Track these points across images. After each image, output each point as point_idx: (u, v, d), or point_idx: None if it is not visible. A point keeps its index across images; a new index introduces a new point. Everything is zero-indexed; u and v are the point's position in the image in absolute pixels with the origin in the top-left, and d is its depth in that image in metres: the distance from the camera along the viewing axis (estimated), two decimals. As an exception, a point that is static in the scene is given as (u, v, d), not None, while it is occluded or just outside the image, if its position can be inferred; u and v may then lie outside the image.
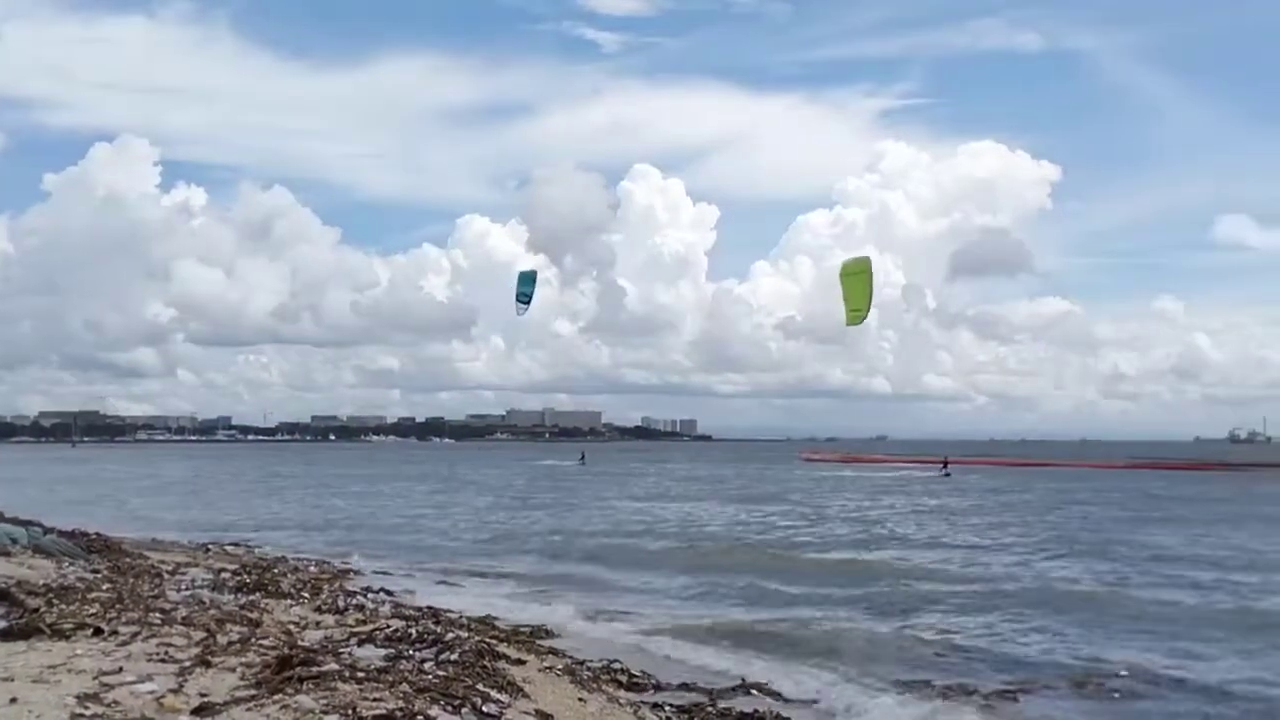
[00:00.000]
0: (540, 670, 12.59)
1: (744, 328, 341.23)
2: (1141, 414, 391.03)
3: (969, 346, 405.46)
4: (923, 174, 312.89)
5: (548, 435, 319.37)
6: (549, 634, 16.51)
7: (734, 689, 13.15)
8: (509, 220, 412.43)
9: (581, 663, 13.86)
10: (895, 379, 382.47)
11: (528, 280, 23.53)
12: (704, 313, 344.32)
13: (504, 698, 10.00)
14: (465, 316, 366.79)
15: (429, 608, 17.38)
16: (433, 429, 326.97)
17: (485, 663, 11.42)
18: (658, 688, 12.98)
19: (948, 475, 70.83)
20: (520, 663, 12.48)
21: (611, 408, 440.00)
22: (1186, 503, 48.79)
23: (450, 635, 13.04)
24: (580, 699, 11.43)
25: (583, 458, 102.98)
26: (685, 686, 13.12)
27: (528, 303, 23.40)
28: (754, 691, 13.09)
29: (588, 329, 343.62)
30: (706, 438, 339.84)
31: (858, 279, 19.28)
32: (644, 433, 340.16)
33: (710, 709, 12.15)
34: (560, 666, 13.30)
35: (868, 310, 19.25)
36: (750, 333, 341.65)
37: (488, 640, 13.51)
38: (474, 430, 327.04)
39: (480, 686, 10.08)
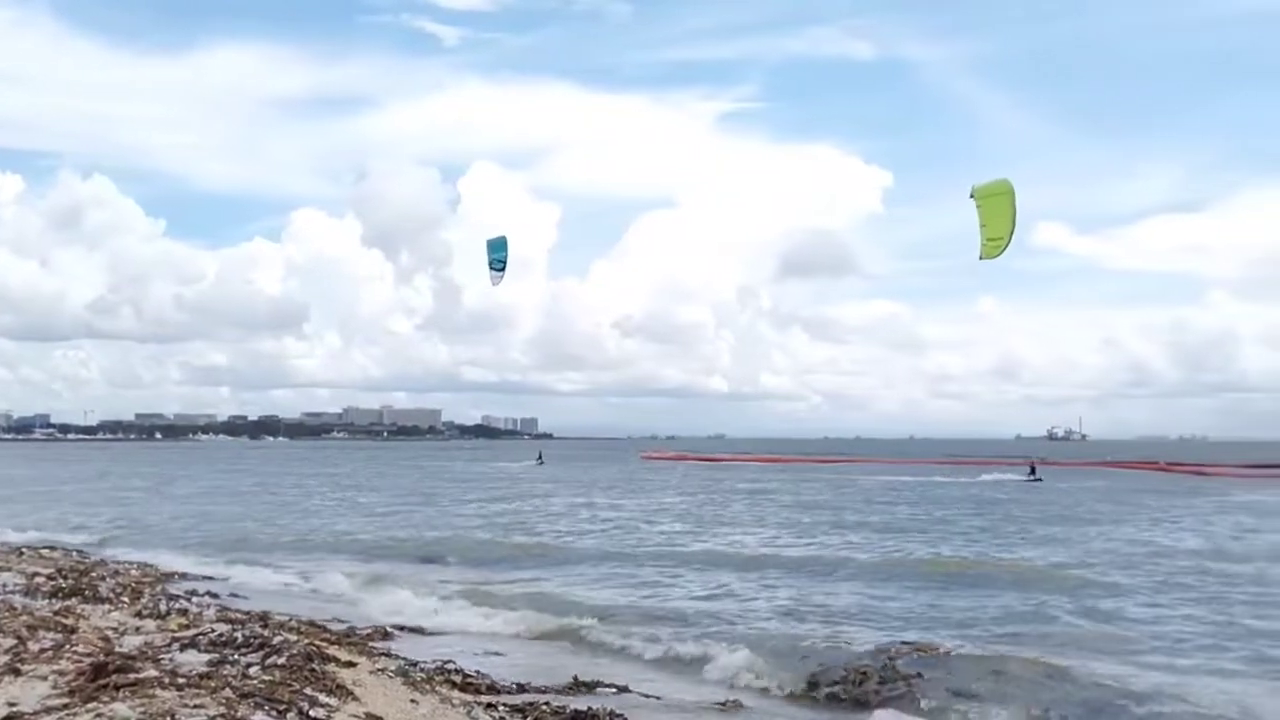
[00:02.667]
0: (372, 672, 12.42)
1: (583, 326, 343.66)
2: (966, 413, 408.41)
3: (803, 347, 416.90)
4: (760, 177, 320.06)
5: (385, 434, 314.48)
6: (386, 635, 16.30)
7: (569, 688, 13.17)
8: (345, 215, 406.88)
9: (415, 664, 13.69)
10: (732, 378, 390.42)
11: (499, 246, 21.89)
12: (543, 311, 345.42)
13: (332, 701, 9.87)
14: (298, 312, 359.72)
15: (260, 612, 16.95)
16: (266, 428, 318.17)
17: (314, 666, 11.25)
18: (492, 689, 12.89)
19: (1039, 480, 64.00)
20: (351, 665, 12.30)
21: (451, 406, 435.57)
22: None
23: (278, 639, 12.77)
24: (413, 700, 11.31)
25: (540, 458, 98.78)
26: (521, 687, 13.06)
27: (503, 269, 22.12)
28: (596, 689, 13.16)
29: (425, 326, 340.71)
30: (547, 436, 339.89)
31: (998, 201, 17.20)
32: (485, 431, 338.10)
33: (545, 708, 12.08)
34: (393, 668, 13.12)
35: (1009, 239, 16.94)
36: (589, 331, 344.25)
37: (318, 643, 13.28)
38: (310, 429, 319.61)
39: (308, 690, 9.93)
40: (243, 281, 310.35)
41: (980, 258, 17.20)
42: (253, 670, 10.60)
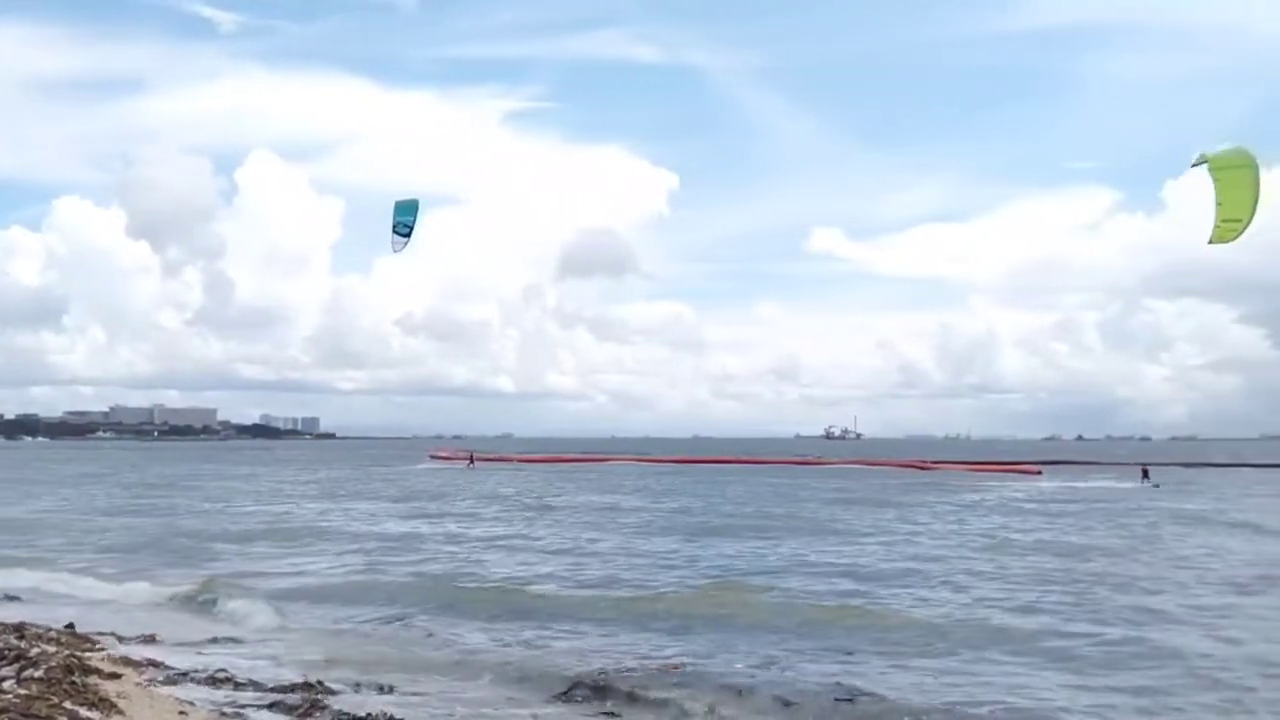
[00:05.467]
0: (138, 684, 11.98)
1: (366, 323, 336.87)
2: (747, 412, 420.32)
3: (589, 346, 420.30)
4: (547, 176, 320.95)
5: (156, 434, 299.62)
6: (153, 640, 15.71)
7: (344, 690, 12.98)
8: (111, 204, 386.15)
9: (186, 673, 13.24)
10: (518, 377, 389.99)
11: (408, 209, 20.37)
12: (324, 307, 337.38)
13: (94, 715, 9.50)
14: (57, 305, 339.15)
15: (15, 623, 16.00)
16: (24, 427, 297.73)
17: (75, 679, 10.76)
18: (269, 691, 12.61)
19: (1157, 486, 60.02)
20: (115, 676, 11.83)
21: (227, 405, 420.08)
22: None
23: (35, 650, 12.16)
24: (182, 712, 10.99)
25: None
26: (293, 689, 12.79)
27: (408, 235, 20.71)
28: (360, 690, 13.01)
29: (196, 321, 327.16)
30: (330, 435, 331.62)
31: (1239, 175, 14.23)
32: (264, 431, 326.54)
33: (321, 710, 11.90)
34: (161, 678, 12.69)
35: (1249, 222, 14.12)
36: (372, 328, 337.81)
37: (78, 654, 12.68)
38: (73, 428, 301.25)
39: (68, 705, 9.53)
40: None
41: (1210, 241, 14.43)
42: (6, 685, 10.07)
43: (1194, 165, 14.36)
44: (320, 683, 12.95)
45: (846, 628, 17.12)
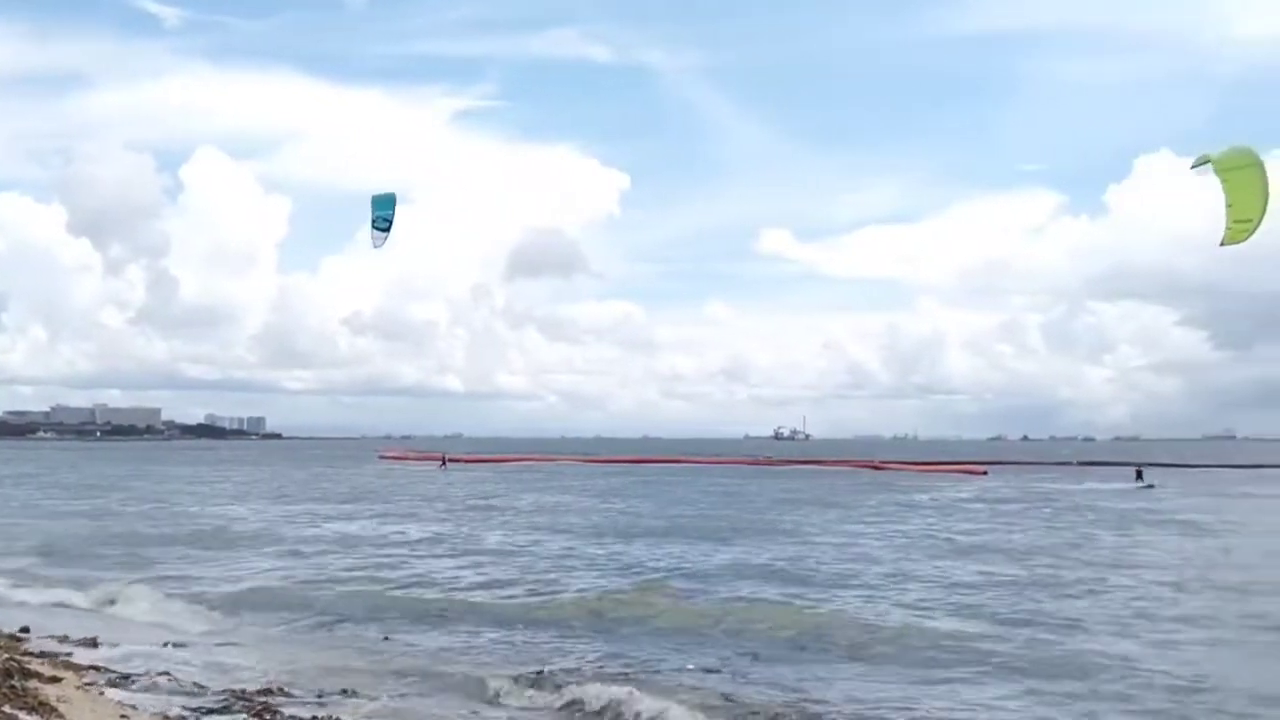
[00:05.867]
0: (79, 688, 11.87)
1: (313, 322, 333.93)
2: (697, 413, 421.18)
3: (539, 346, 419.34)
4: (497, 175, 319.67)
5: (99, 434, 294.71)
6: (95, 644, 15.52)
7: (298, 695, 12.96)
8: (52, 201, 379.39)
9: (128, 677, 13.15)
10: (468, 377, 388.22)
11: (386, 204, 20.06)
12: (271, 306, 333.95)
13: (34, 719, 9.42)
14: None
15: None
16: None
17: (14, 682, 10.65)
18: (215, 695, 12.56)
19: (1151, 486, 60.01)
20: (56, 680, 11.72)
21: (171, 404, 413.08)
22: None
23: (-27, 655, 12.01)
24: (124, 716, 10.91)
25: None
26: (233, 693, 12.76)
27: (387, 229, 20.00)
28: (309, 696, 12.95)
29: (139, 320, 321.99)
30: (277, 436, 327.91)
31: (1248, 175, 14.32)
32: (209, 430, 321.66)
33: (272, 714, 11.90)
34: (104, 681, 12.59)
35: (1260, 221, 14.19)
36: (319, 327, 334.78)
37: (17, 658, 12.54)
38: (13, 428, 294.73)
39: (6, 709, 9.43)
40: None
41: (1223, 243, 14.39)
42: (-57, 690, 9.96)
43: (1193, 167, 14.41)
44: (280, 689, 12.92)
45: (769, 628, 17.19)
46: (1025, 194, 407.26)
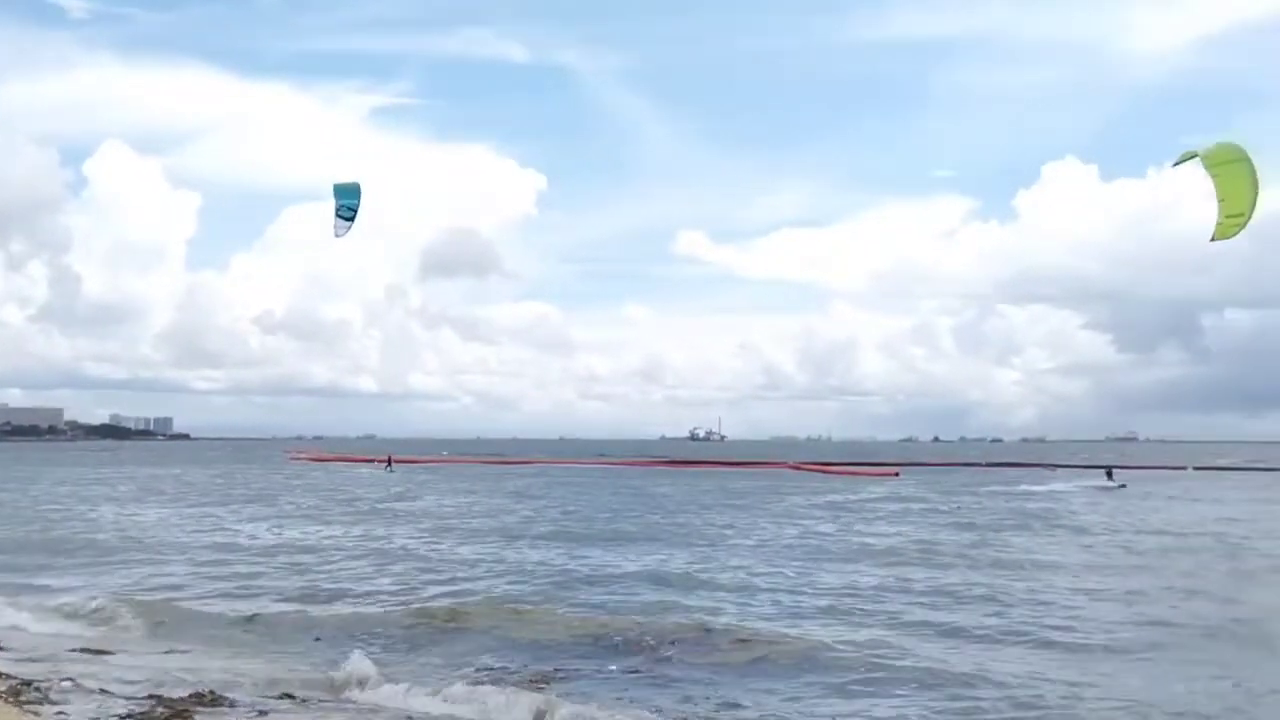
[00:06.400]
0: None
1: (222, 321, 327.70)
2: (613, 413, 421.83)
3: (454, 347, 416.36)
4: (413, 174, 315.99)
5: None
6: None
7: (190, 695, 12.51)
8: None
9: (29, 683, 12.65)
10: (381, 377, 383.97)
11: (351, 192, 19.59)
12: (178, 304, 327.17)
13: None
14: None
15: None
16: None
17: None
18: (123, 699, 12.20)
19: (1123, 486, 59.87)
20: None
21: (74, 404, 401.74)
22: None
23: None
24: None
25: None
26: (152, 697, 12.36)
27: (351, 219, 19.61)
28: (210, 694, 12.59)
29: (40, 317, 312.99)
30: (184, 436, 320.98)
31: (1237, 170, 14.00)
32: (114, 431, 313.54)
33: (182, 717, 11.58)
34: (4, 688, 12.17)
35: (1250, 215, 13.91)
36: (229, 326, 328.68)
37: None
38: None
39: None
40: None
41: (1213, 239, 14.23)
42: None
43: (1176, 164, 14.32)
44: (213, 693, 12.56)
45: (671, 636, 16.62)
46: (937, 199, 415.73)
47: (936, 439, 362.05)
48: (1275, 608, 20.14)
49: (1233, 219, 14.01)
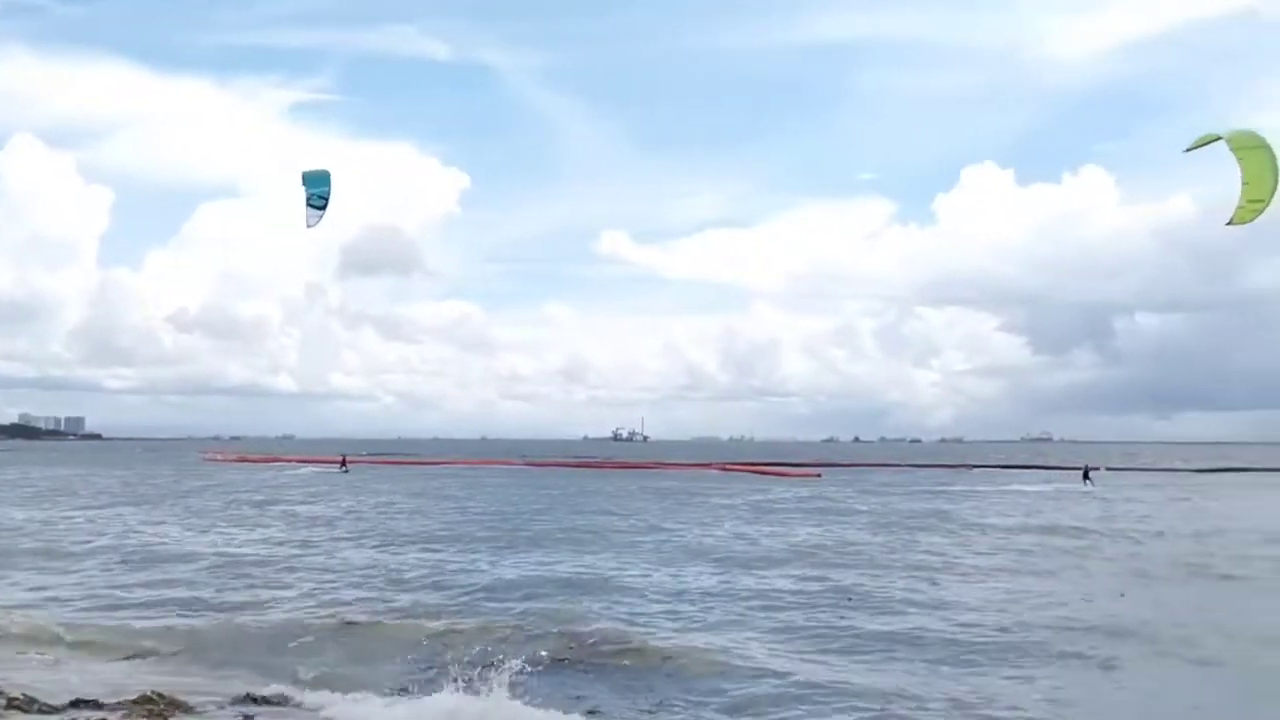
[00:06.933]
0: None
1: (136, 319, 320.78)
2: (536, 413, 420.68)
3: (375, 346, 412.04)
4: (332, 171, 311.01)
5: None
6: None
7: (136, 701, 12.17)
8: None
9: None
10: (300, 377, 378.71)
11: (321, 180, 18.92)
12: (91, 301, 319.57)
13: None
14: None
15: None
16: None
17: None
18: (46, 709, 11.87)
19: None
20: None
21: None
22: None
23: None
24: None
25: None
26: (78, 704, 12.08)
27: (323, 207, 18.97)
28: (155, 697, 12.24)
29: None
30: (96, 436, 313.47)
31: (1260, 156, 13.94)
32: (23, 431, 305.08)
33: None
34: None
35: (1269, 202, 13.91)
36: (143, 324, 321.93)
37: None
38: None
39: None
40: None
41: (1230, 222, 14.32)
42: None
43: (1189, 149, 14.29)
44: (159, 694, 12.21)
45: (567, 643, 16.30)
46: (859, 201, 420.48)
47: (857, 439, 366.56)
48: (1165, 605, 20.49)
49: (1254, 203, 14.01)
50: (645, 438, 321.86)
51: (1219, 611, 19.53)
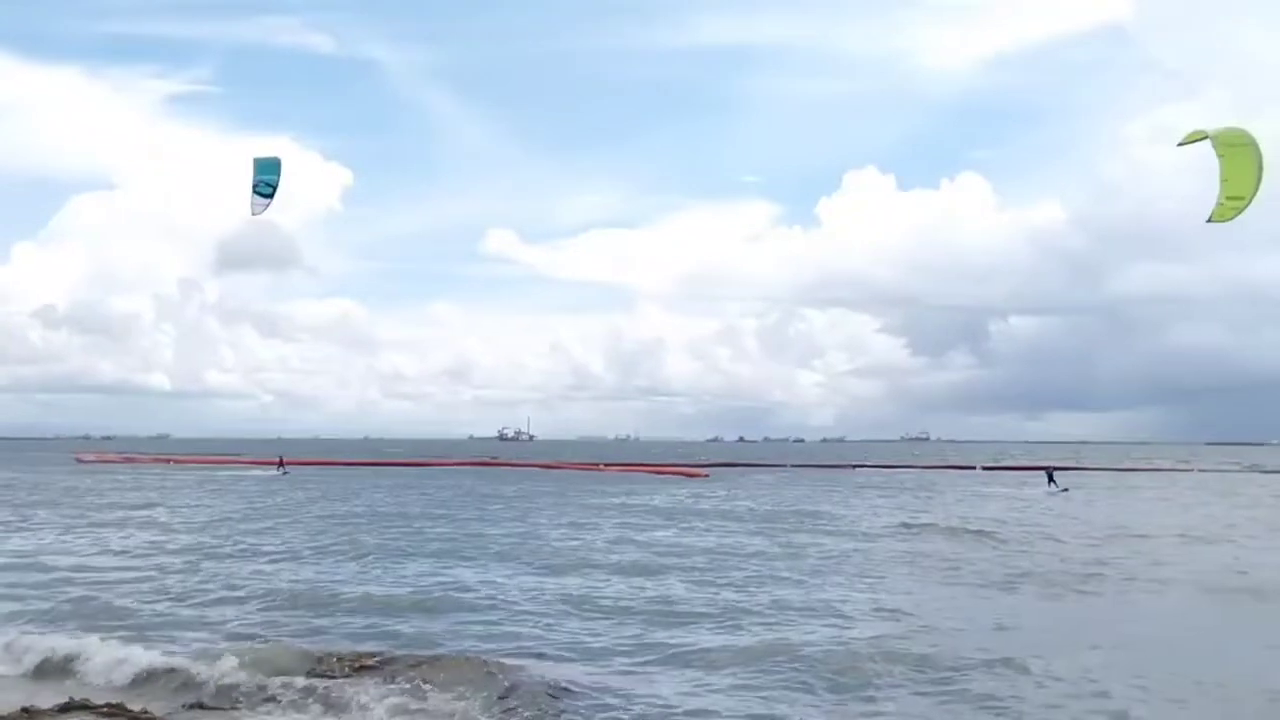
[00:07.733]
0: None
1: (0, 314, 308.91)
2: (420, 413, 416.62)
3: (253, 343, 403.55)
4: (210, 164, 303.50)
5: None
6: None
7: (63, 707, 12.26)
8: None
9: None
10: (175, 375, 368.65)
11: (271, 168, 18.37)
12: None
13: None
14: None
15: None
16: None
17: None
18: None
19: (1065, 490, 56.15)
20: None
21: None
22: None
23: None
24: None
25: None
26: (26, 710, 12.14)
27: (270, 195, 18.34)
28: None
29: None
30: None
31: (1243, 154, 13.79)
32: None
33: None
34: None
35: (1250, 201, 13.67)
36: (8, 321, 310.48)
37: None
38: None
39: None
40: None
41: (1209, 220, 14.15)
42: None
43: (1181, 144, 14.09)
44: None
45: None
46: (744, 204, 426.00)
47: (741, 439, 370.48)
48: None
49: (1233, 201, 13.98)
50: (531, 437, 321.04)
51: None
